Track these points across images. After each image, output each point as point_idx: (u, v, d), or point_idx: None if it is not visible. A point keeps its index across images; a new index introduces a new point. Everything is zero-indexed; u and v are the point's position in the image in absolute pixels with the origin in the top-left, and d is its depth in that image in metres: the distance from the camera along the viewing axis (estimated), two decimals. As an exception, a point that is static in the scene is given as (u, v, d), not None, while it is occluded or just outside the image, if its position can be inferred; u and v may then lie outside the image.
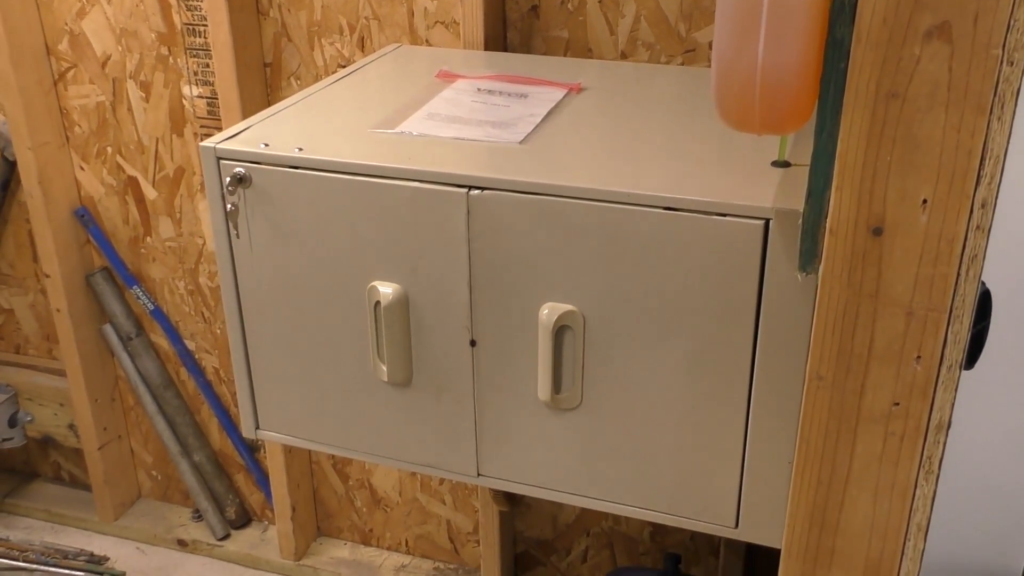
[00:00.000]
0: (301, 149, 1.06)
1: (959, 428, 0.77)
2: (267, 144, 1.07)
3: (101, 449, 2.08)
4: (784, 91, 0.72)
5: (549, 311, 1.01)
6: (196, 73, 1.71)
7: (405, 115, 1.14)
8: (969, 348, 0.73)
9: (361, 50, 1.60)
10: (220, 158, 1.08)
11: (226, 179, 1.08)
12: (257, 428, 1.24)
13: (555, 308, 1.00)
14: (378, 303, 1.07)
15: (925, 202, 0.67)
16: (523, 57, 1.44)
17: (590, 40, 1.46)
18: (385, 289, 1.06)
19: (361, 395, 1.14)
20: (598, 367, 1.02)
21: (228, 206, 1.10)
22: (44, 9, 1.75)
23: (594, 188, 0.95)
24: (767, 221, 0.90)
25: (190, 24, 1.68)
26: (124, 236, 1.92)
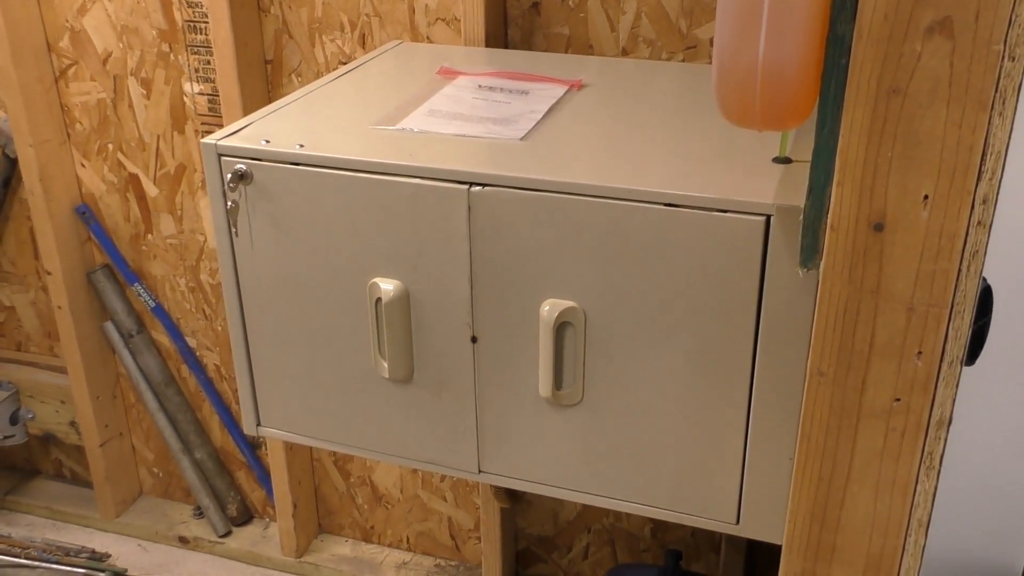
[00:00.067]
0: (302, 146, 1.06)
1: (960, 424, 0.77)
2: (268, 141, 1.07)
3: (102, 446, 2.08)
4: (785, 87, 0.72)
5: (550, 307, 1.01)
6: (197, 70, 1.71)
7: (406, 112, 1.14)
8: (970, 344, 0.73)
9: (362, 47, 1.60)
10: (221, 155, 1.08)
11: (227, 176, 1.08)
12: (258, 425, 1.24)
13: (556, 304, 1.00)
14: (379, 300, 1.07)
15: (926, 198, 0.67)
16: (524, 54, 1.44)
17: (591, 37, 1.46)
18: (386, 286, 1.06)
19: (362, 392, 1.15)
20: (599, 363, 1.02)
21: (229, 203, 1.10)
22: (45, 6, 1.75)
23: (595, 184, 0.95)
24: (768, 217, 0.90)
25: (191, 21, 1.68)
26: (125, 233, 1.92)
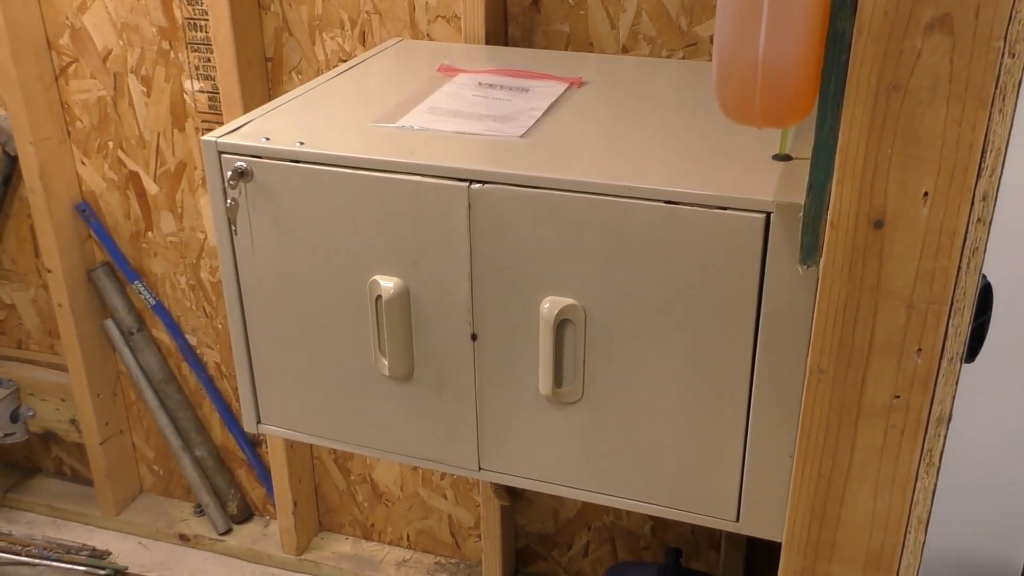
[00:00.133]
0: (302, 143, 1.06)
1: (960, 422, 0.77)
2: (268, 138, 1.07)
3: (103, 444, 2.08)
4: (785, 84, 0.72)
5: (550, 305, 1.01)
6: (197, 67, 1.71)
7: (406, 109, 1.14)
8: (970, 341, 0.73)
9: (362, 44, 1.60)
10: (221, 152, 1.08)
11: (227, 173, 1.08)
12: (259, 423, 1.24)
13: (556, 302, 1.00)
14: (379, 297, 1.07)
15: (926, 195, 0.67)
16: (524, 51, 1.44)
17: (591, 34, 1.46)
18: (386, 283, 1.06)
19: (363, 389, 1.15)
20: (599, 361, 1.02)
21: (229, 200, 1.10)
22: (45, 4, 1.75)
23: (595, 182, 0.95)
24: (768, 214, 0.90)
25: (191, 18, 1.68)
26: (125, 231, 1.92)
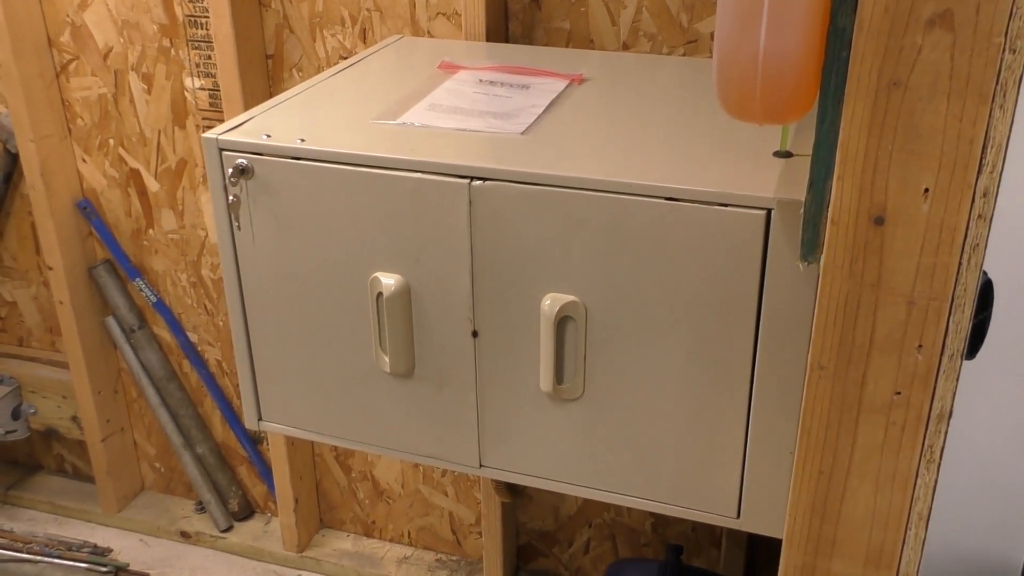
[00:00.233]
0: (303, 140, 1.06)
1: (960, 419, 0.77)
2: (269, 135, 1.07)
3: (104, 441, 2.08)
4: (786, 80, 0.72)
5: (551, 302, 1.01)
6: (198, 65, 1.71)
7: (407, 106, 1.14)
8: (971, 338, 0.73)
9: (363, 41, 1.60)
10: (222, 149, 1.08)
11: (228, 170, 1.08)
12: (260, 420, 1.24)
13: (557, 299, 1.00)
14: (380, 294, 1.07)
15: (927, 191, 0.67)
16: (525, 48, 1.43)
17: (592, 31, 1.46)
18: (387, 280, 1.06)
19: (364, 386, 1.15)
20: (600, 358, 1.02)
21: (230, 197, 1.10)
22: (46, 1, 1.75)
23: (596, 179, 0.95)
24: (769, 211, 0.89)
25: (192, 16, 1.67)
26: (126, 228, 1.92)
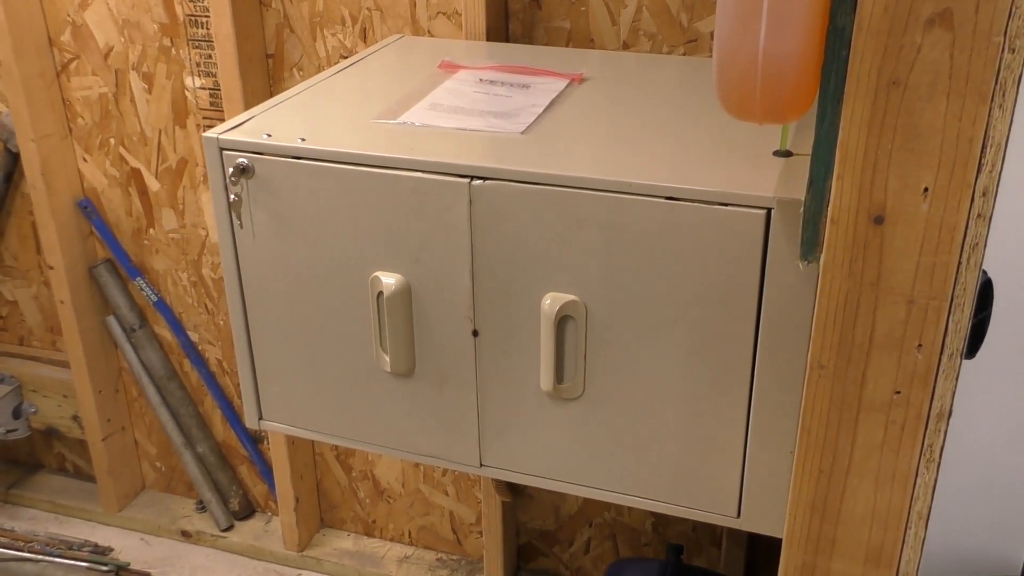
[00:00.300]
0: (304, 140, 1.06)
1: (960, 418, 0.77)
2: (270, 135, 1.07)
3: (105, 440, 2.08)
4: (785, 80, 0.72)
5: (551, 301, 1.01)
6: (199, 64, 1.71)
7: (407, 105, 1.14)
8: (970, 337, 0.73)
9: (363, 41, 1.60)
10: (223, 149, 1.08)
11: (229, 170, 1.08)
12: (260, 419, 1.24)
13: (557, 298, 1.01)
14: (381, 293, 1.07)
15: (926, 190, 0.67)
16: (525, 47, 1.44)
17: (592, 30, 1.46)
18: (388, 279, 1.06)
19: (364, 385, 1.15)
20: (600, 357, 1.02)
21: (231, 197, 1.10)
22: (46, 0, 1.75)
23: (596, 178, 0.95)
24: (769, 210, 0.90)
25: (192, 15, 1.68)
26: (127, 228, 1.92)
